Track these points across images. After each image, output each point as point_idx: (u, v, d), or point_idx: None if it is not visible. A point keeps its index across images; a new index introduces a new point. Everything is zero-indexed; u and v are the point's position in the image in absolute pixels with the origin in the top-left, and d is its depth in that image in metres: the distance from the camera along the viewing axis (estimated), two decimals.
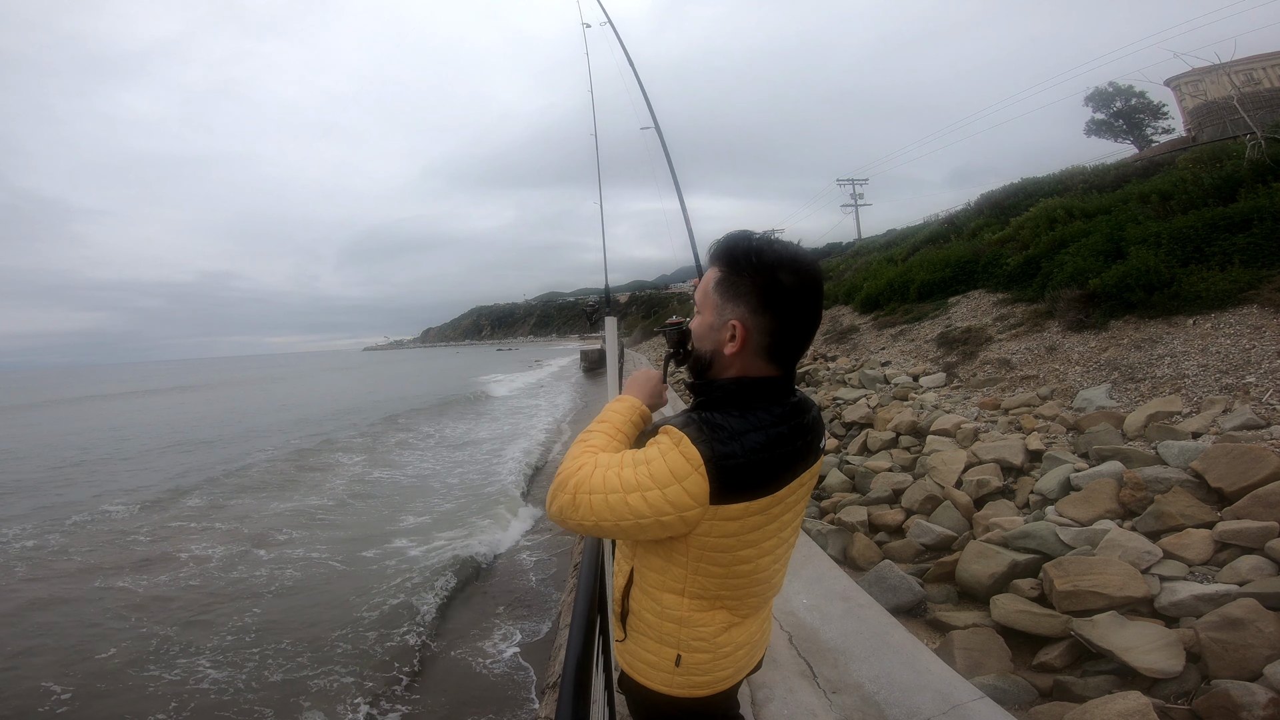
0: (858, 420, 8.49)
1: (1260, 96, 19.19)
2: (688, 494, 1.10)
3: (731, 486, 1.11)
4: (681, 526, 1.14)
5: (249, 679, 5.31)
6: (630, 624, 1.34)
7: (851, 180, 40.57)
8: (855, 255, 25.45)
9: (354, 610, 6.40)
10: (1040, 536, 4.41)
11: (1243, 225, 7.60)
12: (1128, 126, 30.71)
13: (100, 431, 25.78)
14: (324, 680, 5.20)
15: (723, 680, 1.31)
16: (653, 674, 1.32)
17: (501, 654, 5.48)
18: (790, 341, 1.19)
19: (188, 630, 6.29)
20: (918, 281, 13.36)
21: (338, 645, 5.73)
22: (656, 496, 1.11)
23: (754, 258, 1.16)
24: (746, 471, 1.12)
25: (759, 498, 1.15)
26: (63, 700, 5.21)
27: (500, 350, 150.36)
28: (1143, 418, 5.75)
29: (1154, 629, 3.39)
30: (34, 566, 8.61)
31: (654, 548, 1.25)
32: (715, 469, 1.09)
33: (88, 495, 12.96)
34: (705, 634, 1.27)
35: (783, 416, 1.18)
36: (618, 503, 1.13)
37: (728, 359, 1.20)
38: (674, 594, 1.26)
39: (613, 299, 3.82)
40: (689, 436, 1.11)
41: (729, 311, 1.19)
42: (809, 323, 1.19)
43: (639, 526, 1.14)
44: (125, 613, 6.83)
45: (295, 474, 13.88)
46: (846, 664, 2.96)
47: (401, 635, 5.83)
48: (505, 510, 9.63)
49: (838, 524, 5.79)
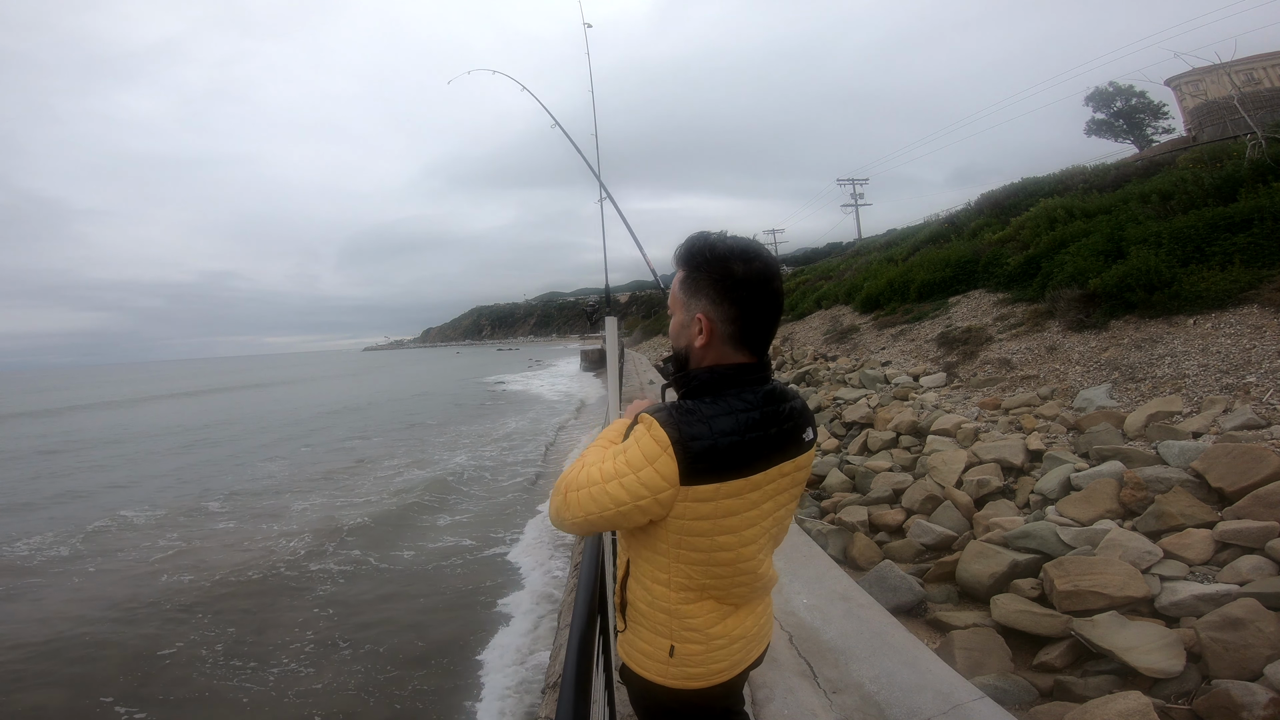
0: (858, 420, 8.49)
1: (1260, 96, 19.17)
2: (659, 475, 1.16)
3: (700, 466, 1.16)
4: (658, 509, 1.20)
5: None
6: (629, 615, 1.38)
7: (852, 180, 40.57)
8: (855, 255, 25.45)
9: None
10: (1041, 536, 4.41)
11: (1243, 225, 7.60)
12: (1128, 126, 30.69)
13: (196, 427, 27.17)
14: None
15: (718, 673, 1.34)
16: (649, 664, 1.35)
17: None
18: (754, 327, 1.26)
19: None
20: (918, 281, 13.36)
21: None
22: (632, 481, 1.18)
23: (708, 253, 1.26)
24: (714, 453, 1.17)
25: (729, 479, 1.20)
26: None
27: (501, 350, 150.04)
28: (1143, 417, 5.75)
29: (1154, 629, 3.39)
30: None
31: (642, 538, 1.30)
32: (683, 449, 1.15)
33: (197, 491, 13.77)
34: (696, 625, 1.31)
35: (755, 403, 1.24)
36: (599, 494, 1.21)
37: (700, 351, 1.28)
38: (662, 585, 1.30)
39: (613, 299, 3.81)
40: (659, 421, 1.18)
41: (694, 307, 1.27)
42: (768, 307, 1.26)
43: (621, 514, 1.21)
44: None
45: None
46: (847, 664, 2.96)
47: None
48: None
49: (838, 524, 5.78)
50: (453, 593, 7.43)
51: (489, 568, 8.19)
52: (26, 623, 7.17)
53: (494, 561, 8.41)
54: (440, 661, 5.87)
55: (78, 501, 13.28)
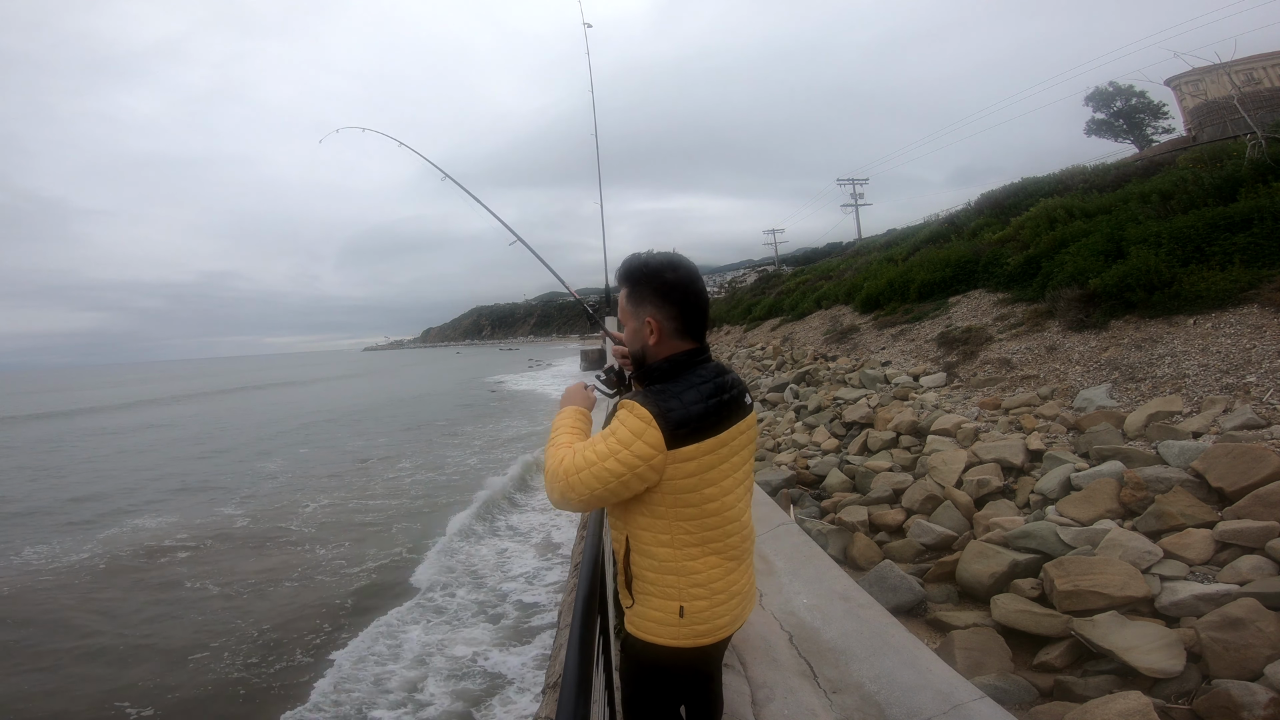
0: (858, 420, 8.48)
1: (1260, 96, 19.17)
2: (648, 445, 1.38)
3: (681, 432, 1.40)
4: (652, 474, 1.41)
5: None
6: (636, 588, 1.54)
7: (852, 180, 40.56)
8: (855, 255, 25.44)
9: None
10: (1041, 536, 4.41)
11: (1243, 225, 7.59)
12: (1128, 126, 30.70)
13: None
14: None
15: (721, 628, 1.53)
16: (660, 629, 1.51)
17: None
18: (692, 319, 1.54)
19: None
20: (918, 281, 13.33)
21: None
22: (626, 455, 1.38)
23: (644, 269, 1.55)
24: (689, 419, 1.41)
25: (705, 439, 1.43)
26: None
27: (503, 350, 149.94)
28: (1143, 417, 5.75)
29: (1154, 629, 3.39)
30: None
31: (638, 507, 1.49)
32: (664, 420, 1.39)
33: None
34: (702, 579, 1.49)
35: (708, 376, 1.51)
36: (600, 471, 1.40)
37: (654, 348, 1.54)
38: (666, 546, 1.48)
39: (613, 299, 3.82)
40: (639, 402, 1.42)
41: (642, 313, 1.54)
42: (698, 302, 1.54)
43: (622, 484, 1.40)
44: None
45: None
46: (847, 664, 2.96)
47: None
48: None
49: (838, 524, 5.78)
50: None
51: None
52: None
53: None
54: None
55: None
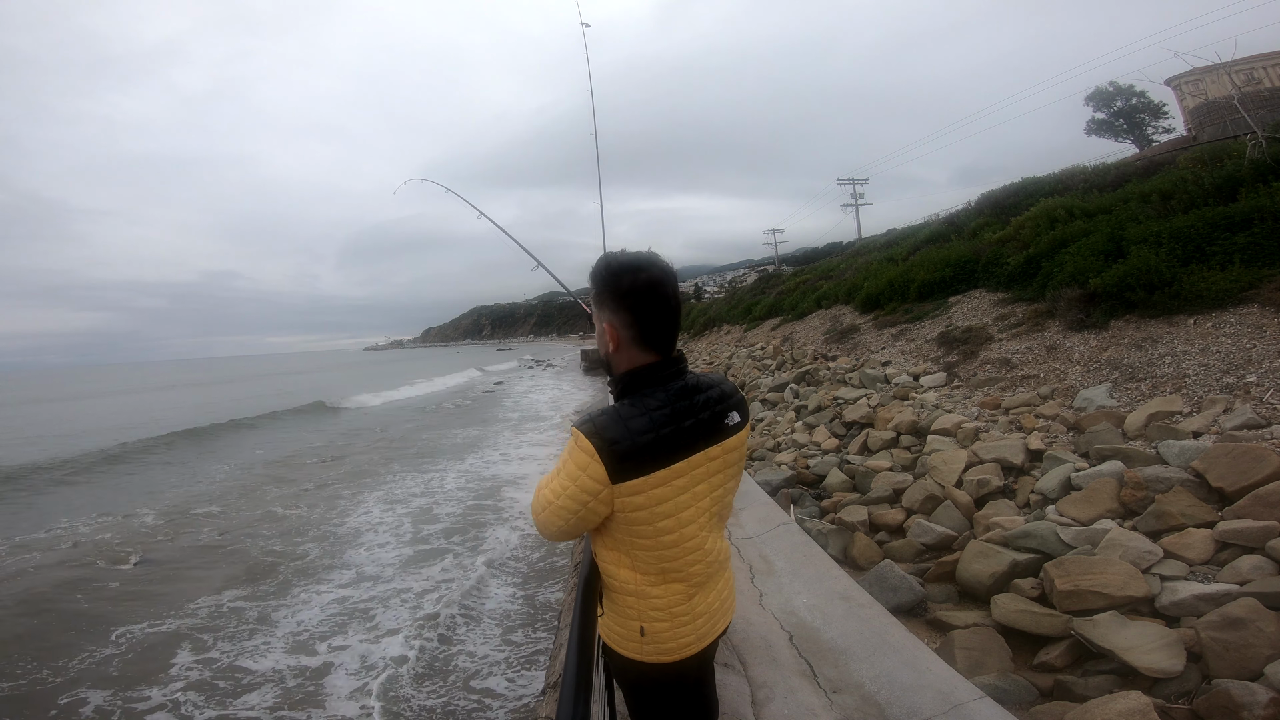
0: (858, 420, 8.48)
1: (1261, 96, 19.14)
2: (593, 479, 1.31)
3: (624, 466, 1.30)
4: (602, 508, 1.35)
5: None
6: (605, 600, 1.53)
7: (852, 179, 40.58)
8: (856, 255, 25.43)
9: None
10: (1041, 536, 4.41)
11: (1243, 224, 7.58)
12: (1128, 126, 30.69)
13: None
14: None
15: (686, 647, 1.46)
16: (625, 644, 1.48)
17: None
18: (651, 329, 1.39)
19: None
20: (918, 281, 13.34)
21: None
22: (574, 490, 1.33)
23: (603, 272, 1.42)
24: (634, 452, 1.30)
25: (655, 470, 1.33)
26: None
27: (500, 350, 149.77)
28: (1143, 417, 5.74)
29: (1155, 629, 3.39)
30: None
31: (600, 533, 1.45)
32: (607, 454, 1.29)
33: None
34: (661, 605, 1.43)
35: (665, 400, 1.37)
36: (558, 509, 1.37)
37: (615, 356, 1.44)
38: (626, 569, 1.43)
39: None
40: (584, 432, 1.32)
41: (602, 318, 1.44)
42: (661, 311, 1.39)
43: (579, 519, 1.37)
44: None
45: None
46: (847, 664, 2.96)
47: None
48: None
49: (838, 523, 5.78)
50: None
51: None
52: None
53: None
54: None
55: None
